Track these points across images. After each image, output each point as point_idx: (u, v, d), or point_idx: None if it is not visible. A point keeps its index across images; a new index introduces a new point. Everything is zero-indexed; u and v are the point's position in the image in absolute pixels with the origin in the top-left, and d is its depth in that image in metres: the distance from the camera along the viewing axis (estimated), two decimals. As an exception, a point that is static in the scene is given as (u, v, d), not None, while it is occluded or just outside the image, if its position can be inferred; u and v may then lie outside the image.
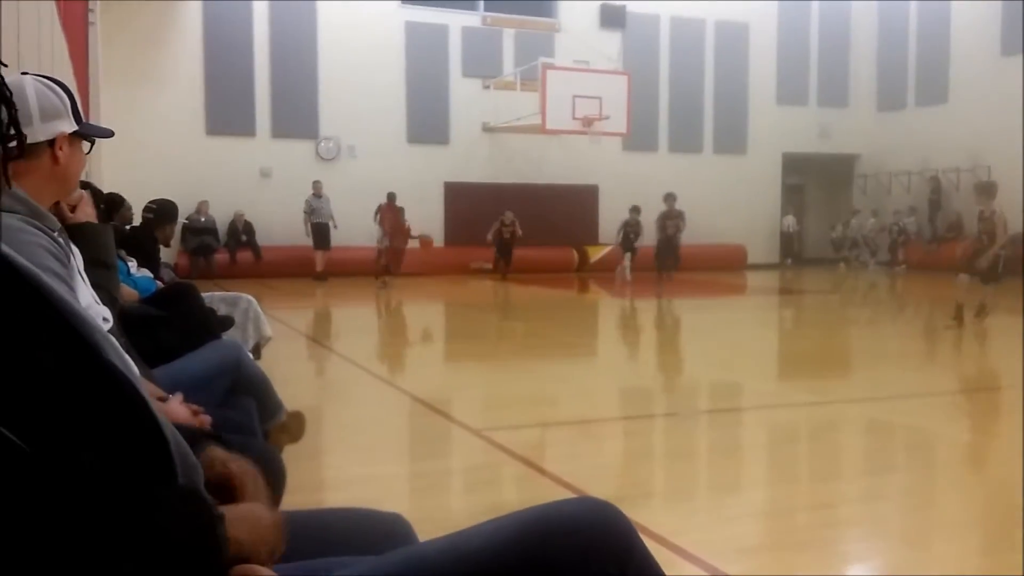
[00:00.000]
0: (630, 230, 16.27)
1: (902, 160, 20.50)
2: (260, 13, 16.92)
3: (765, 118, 20.74)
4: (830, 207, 22.82)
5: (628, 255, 16.06)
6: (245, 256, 16.09)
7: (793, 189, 22.62)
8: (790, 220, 21.79)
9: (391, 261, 14.94)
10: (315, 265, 15.61)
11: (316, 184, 15.94)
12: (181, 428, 1.07)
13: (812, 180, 23.37)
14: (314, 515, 1.44)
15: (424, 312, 11.98)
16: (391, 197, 15.18)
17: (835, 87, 21.48)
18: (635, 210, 16.26)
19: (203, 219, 15.84)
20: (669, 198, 15.59)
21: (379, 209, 15.33)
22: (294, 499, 2.17)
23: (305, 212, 15.89)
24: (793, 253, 21.75)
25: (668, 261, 15.59)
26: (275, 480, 1.96)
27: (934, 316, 12.03)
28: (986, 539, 3.33)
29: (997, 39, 18.38)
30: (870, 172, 21.64)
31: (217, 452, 1.21)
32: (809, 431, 5.08)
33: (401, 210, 15.20)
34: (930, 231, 19.72)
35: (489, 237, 16.49)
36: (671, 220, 15.64)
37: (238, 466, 1.20)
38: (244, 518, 1.06)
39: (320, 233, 15.73)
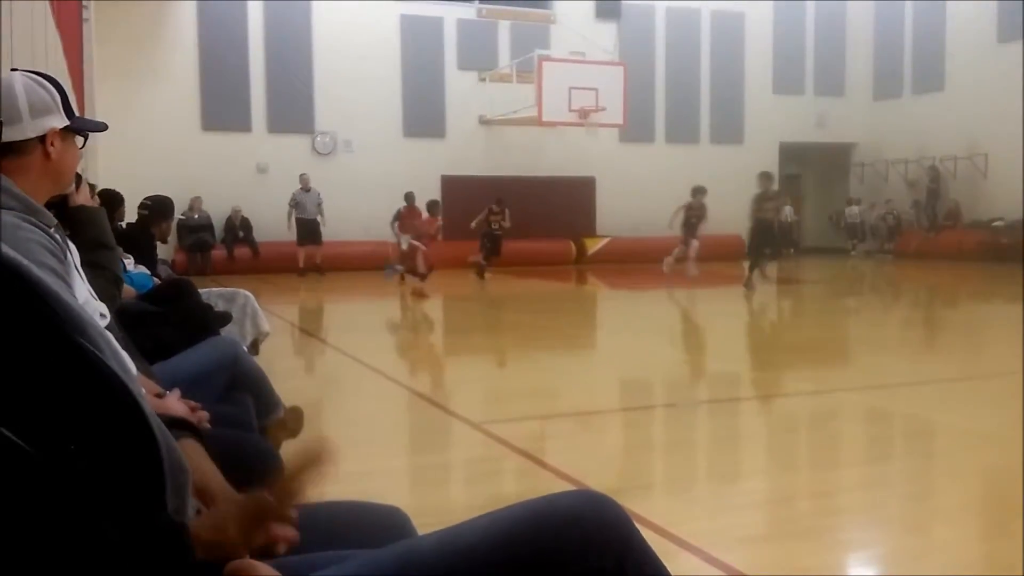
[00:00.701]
0: (692, 214, 14.02)
1: (899, 148, 20.49)
2: (255, 8, 16.88)
3: (762, 108, 20.71)
4: (827, 196, 22.82)
5: (694, 242, 13.92)
6: (242, 252, 16.07)
7: (790, 179, 22.61)
8: (787, 210, 21.77)
9: (415, 262, 13.05)
10: (310, 259, 15.43)
11: (303, 177, 15.73)
12: (163, 417, 1.07)
13: (809, 170, 23.37)
14: (312, 509, 1.44)
15: (422, 306, 11.98)
16: (410, 198, 13.99)
17: (831, 76, 21.45)
18: (699, 191, 13.99)
19: (196, 216, 15.78)
20: (764, 178, 13.08)
21: (398, 215, 14.07)
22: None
23: (290, 205, 15.67)
24: (792, 243, 21.76)
25: (767, 250, 12.93)
26: (271, 476, 1.96)
27: (933, 304, 12.03)
28: (986, 526, 3.33)
29: (994, 26, 18.36)
30: (867, 161, 21.64)
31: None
32: (808, 420, 5.08)
33: (436, 204, 13.55)
34: (927, 219, 19.73)
35: (473, 226, 15.01)
36: (770, 202, 12.82)
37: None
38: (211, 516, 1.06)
39: (304, 228, 15.42)
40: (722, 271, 16.33)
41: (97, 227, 2.45)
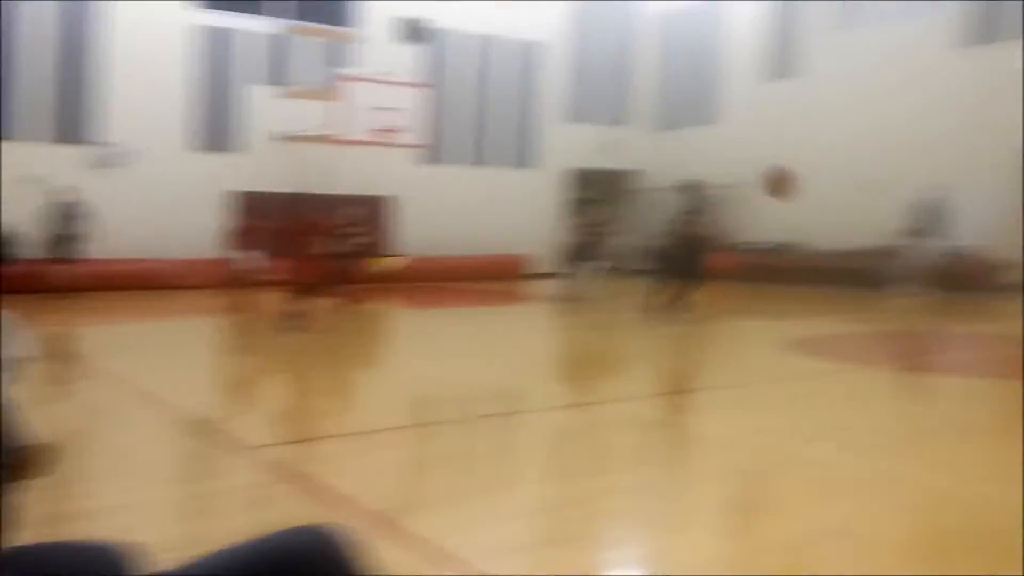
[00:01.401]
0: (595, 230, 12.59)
1: (676, 176, 22.02)
2: (30, 8, 15.58)
3: (554, 134, 21.63)
4: (612, 221, 24.15)
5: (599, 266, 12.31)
6: (6, 270, 14.64)
7: (578, 203, 23.72)
8: None
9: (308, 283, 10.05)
10: (68, 278, 14.08)
11: (65, 190, 14.40)
12: None
13: (597, 195, 24.59)
14: (17, 552, 1.37)
15: (199, 326, 11.48)
16: (299, 200, 13.27)
17: (619, 106, 22.79)
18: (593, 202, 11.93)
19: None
20: (690, 189, 10.81)
21: (237, 228, 13.13)
22: (38, 534, 2.06)
23: (43, 221, 14.23)
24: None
25: (687, 270, 10.86)
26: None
27: (693, 320, 12.90)
28: (736, 523, 3.68)
29: (763, 65, 20.31)
30: (647, 187, 23.15)
31: None
32: (579, 430, 5.37)
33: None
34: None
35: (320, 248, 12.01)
36: (693, 215, 10.86)
37: None
38: None
39: (60, 245, 14.14)
40: (505, 290, 16.88)
41: None
